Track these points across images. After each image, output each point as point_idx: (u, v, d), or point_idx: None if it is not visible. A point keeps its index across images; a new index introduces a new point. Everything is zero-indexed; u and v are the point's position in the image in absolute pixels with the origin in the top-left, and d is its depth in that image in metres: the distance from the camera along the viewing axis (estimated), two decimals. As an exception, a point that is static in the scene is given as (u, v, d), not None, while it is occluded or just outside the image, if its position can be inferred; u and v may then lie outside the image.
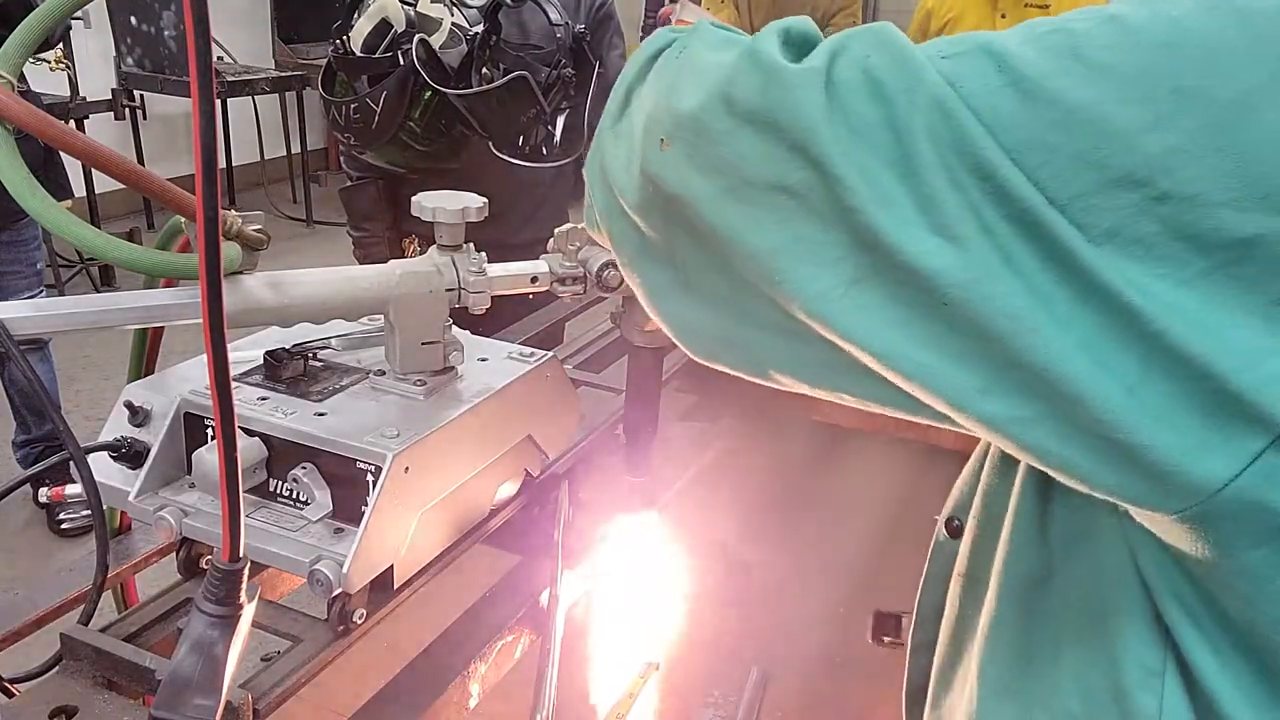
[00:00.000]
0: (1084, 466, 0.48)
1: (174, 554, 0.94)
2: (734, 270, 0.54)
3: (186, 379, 0.94)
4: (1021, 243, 0.45)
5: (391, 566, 0.88)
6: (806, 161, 0.49)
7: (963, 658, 0.71)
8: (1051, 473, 0.51)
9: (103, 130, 5.21)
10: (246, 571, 0.67)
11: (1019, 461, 0.63)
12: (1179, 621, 0.53)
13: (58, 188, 2.99)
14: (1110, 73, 0.45)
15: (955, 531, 0.75)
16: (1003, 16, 3.40)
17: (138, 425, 0.92)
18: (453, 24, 1.69)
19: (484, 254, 0.98)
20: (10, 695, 0.86)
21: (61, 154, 2.89)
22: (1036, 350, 0.45)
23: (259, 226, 0.84)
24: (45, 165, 2.81)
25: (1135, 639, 0.56)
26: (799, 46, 0.54)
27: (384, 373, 0.97)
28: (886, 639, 1.03)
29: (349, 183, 2.21)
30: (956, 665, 0.72)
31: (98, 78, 5.25)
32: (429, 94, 1.68)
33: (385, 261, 0.94)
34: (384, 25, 1.69)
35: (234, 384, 0.60)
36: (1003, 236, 0.45)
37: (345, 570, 0.81)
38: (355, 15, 1.74)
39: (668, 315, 0.62)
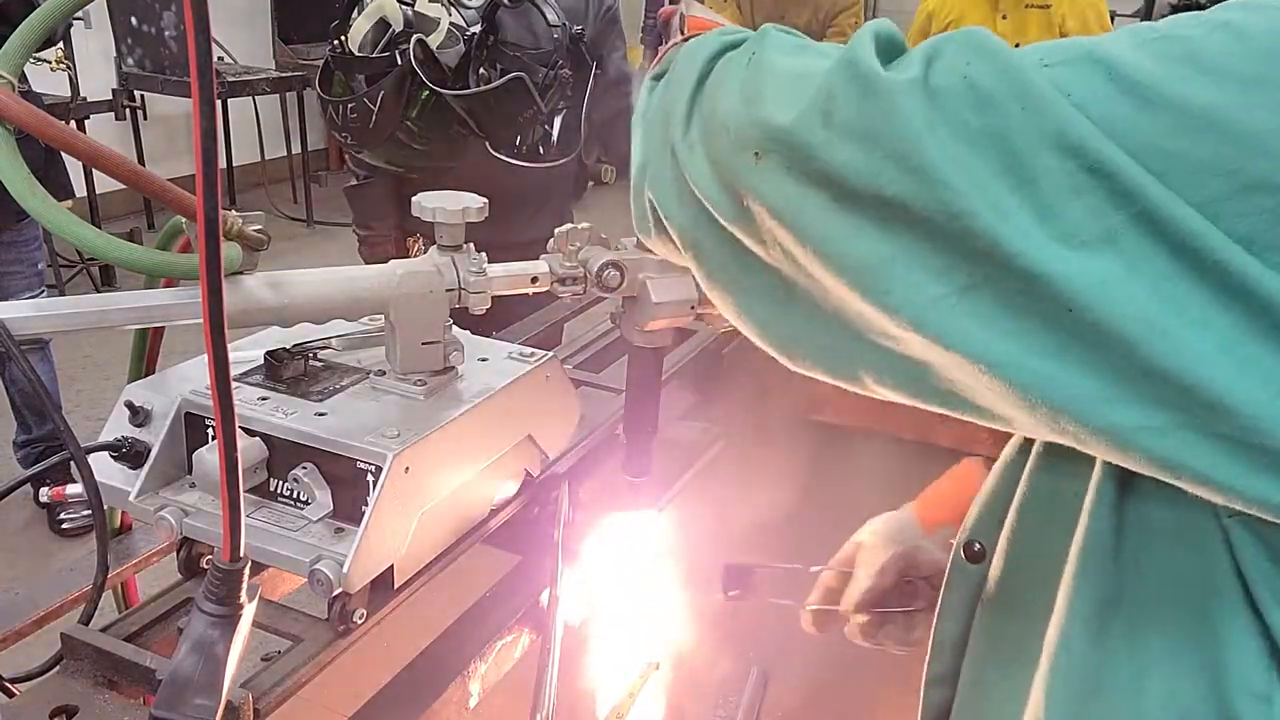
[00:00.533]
0: (1223, 476, 0.46)
1: (174, 554, 0.95)
2: (836, 279, 0.53)
3: (187, 379, 0.94)
4: (1152, 243, 0.44)
5: (391, 566, 0.88)
6: (909, 171, 0.48)
7: (997, 689, 0.68)
8: (1182, 484, 0.49)
9: (103, 130, 5.21)
10: (247, 571, 0.67)
11: (1080, 478, 0.61)
12: None
13: (58, 188, 2.99)
14: (1234, 78, 0.44)
15: (975, 556, 0.72)
16: (1003, 17, 3.42)
17: (138, 425, 0.92)
18: (450, 24, 1.69)
19: (484, 254, 0.98)
20: (10, 695, 0.86)
21: (62, 154, 2.90)
22: (1170, 355, 0.44)
23: (259, 226, 0.84)
24: (46, 165, 2.81)
25: (1238, 655, 0.53)
26: (887, 52, 0.53)
27: (384, 373, 0.97)
28: (733, 593, 1.04)
29: (355, 182, 2.22)
30: (988, 697, 0.69)
31: (98, 78, 5.25)
32: (426, 94, 1.68)
33: (390, 260, 0.94)
34: (382, 25, 1.69)
35: (234, 384, 0.60)
36: (1130, 239, 0.44)
37: (345, 570, 0.81)
38: (353, 15, 1.75)
39: (763, 324, 0.61)
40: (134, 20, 5.15)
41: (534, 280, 1.01)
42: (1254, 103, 0.43)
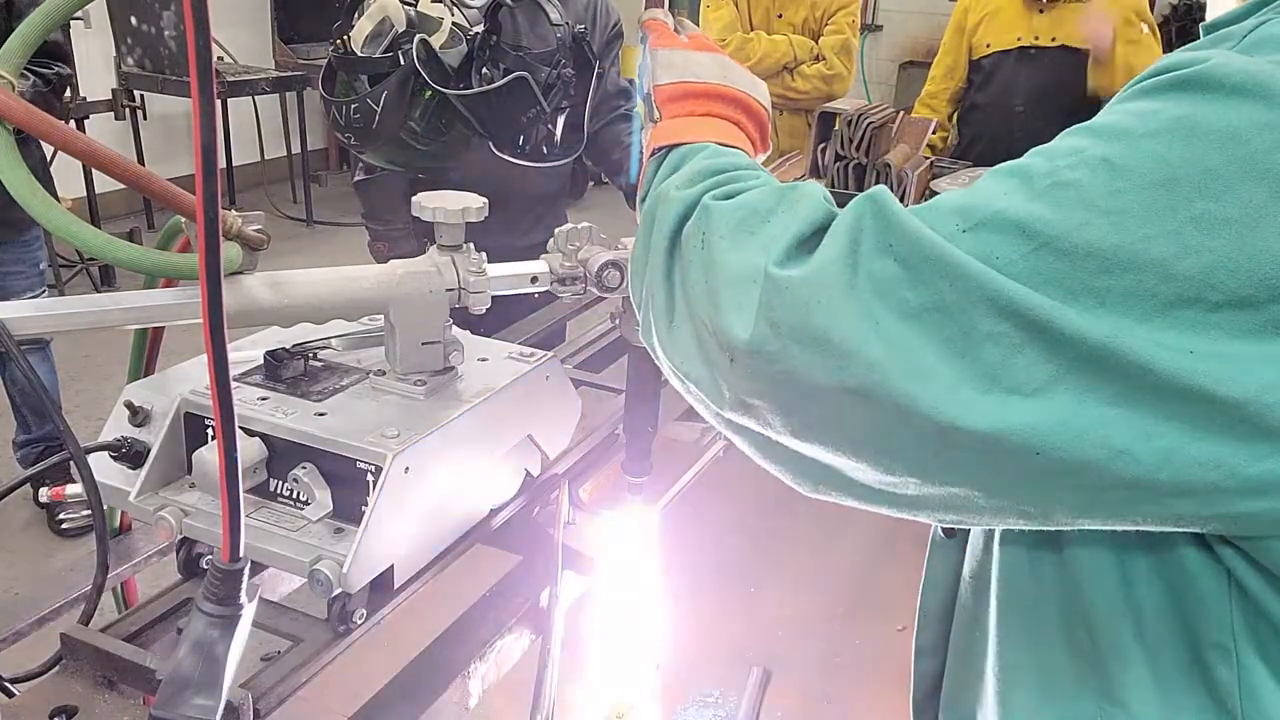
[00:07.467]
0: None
1: (174, 554, 0.94)
2: (819, 449, 0.57)
3: (186, 379, 0.94)
4: (1095, 378, 0.48)
5: (391, 566, 0.88)
6: (865, 366, 0.52)
7: (979, 660, 0.71)
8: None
9: (103, 130, 5.21)
10: (247, 571, 0.67)
11: None
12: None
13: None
14: (1129, 215, 0.48)
15: (950, 531, 0.76)
16: (1040, 12, 3.38)
17: (138, 425, 0.92)
18: (453, 24, 1.69)
19: (484, 254, 0.98)
20: (10, 695, 0.86)
21: (50, 166, 2.89)
22: (1131, 469, 0.49)
23: (259, 226, 0.84)
24: (39, 174, 2.81)
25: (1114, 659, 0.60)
26: (811, 240, 0.57)
27: (384, 373, 0.97)
28: None
29: (365, 176, 2.18)
30: (971, 664, 0.72)
31: (98, 78, 5.25)
32: (429, 94, 1.67)
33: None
34: (384, 25, 1.69)
35: (234, 384, 0.60)
36: (1075, 377, 0.49)
37: (345, 570, 0.81)
38: (355, 15, 1.74)
39: (755, 454, 0.65)
40: (133, 20, 5.15)
41: (534, 280, 1.01)
42: (1150, 235, 0.48)
